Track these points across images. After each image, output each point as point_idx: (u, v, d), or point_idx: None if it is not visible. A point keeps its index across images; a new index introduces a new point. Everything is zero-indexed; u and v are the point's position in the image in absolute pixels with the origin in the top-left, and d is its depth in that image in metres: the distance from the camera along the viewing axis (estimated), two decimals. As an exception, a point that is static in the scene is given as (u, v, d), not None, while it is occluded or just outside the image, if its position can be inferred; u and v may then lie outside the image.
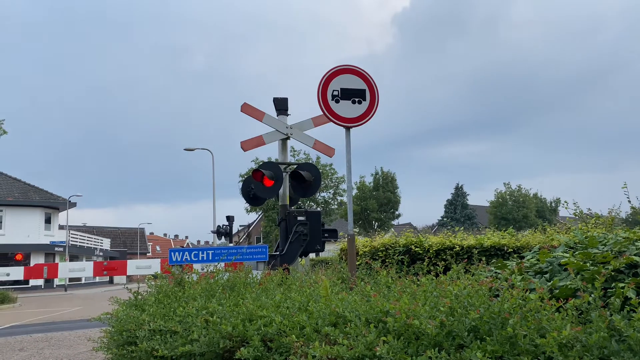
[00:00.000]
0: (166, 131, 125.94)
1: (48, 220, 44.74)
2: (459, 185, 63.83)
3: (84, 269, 16.01)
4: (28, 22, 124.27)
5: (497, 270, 4.60)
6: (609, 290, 3.33)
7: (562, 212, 55.67)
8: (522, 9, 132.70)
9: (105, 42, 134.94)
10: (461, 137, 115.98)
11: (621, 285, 3.25)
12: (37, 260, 40.40)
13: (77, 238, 49.81)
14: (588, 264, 3.82)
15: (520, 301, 2.75)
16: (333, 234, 9.25)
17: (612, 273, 3.57)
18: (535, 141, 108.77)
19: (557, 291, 3.49)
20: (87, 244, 52.59)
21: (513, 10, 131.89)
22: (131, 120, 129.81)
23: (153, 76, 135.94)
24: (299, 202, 10.17)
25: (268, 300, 3.87)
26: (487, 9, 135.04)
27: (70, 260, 42.57)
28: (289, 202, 9.04)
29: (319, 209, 31.90)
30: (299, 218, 8.69)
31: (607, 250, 4.21)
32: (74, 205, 45.97)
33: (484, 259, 6.39)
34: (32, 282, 39.09)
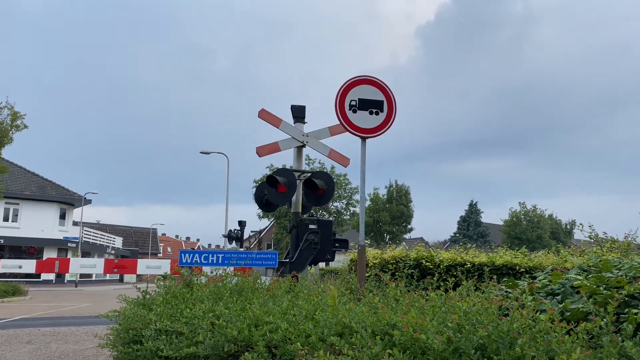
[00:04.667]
0: (183, 133, 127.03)
1: (63, 216, 45.23)
2: (473, 202, 63.50)
3: (95, 265, 16.16)
4: (50, 21, 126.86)
5: (508, 289, 4.54)
6: (621, 315, 3.27)
7: (577, 234, 54.88)
8: (548, 29, 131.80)
9: (126, 42, 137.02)
10: (478, 153, 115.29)
11: (635, 311, 3.20)
12: (49, 254, 40.83)
13: (90, 235, 50.24)
14: (601, 288, 3.75)
15: (530, 321, 2.71)
16: (344, 244, 9.20)
17: (626, 298, 3.51)
18: (552, 161, 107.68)
19: (569, 314, 3.44)
20: (100, 241, 53.02)
21: (539, 29, 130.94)
22: (149, 120, 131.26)
23: (173, 77, 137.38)
24: (312, 211, 10.16)
25: (275, 306, 3.86)
26: (513, 27, 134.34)
27: (82, 256, 42.96)
28: (301, 209, 9.03)
29: (331, 218, 31.87)
30: (311, 226, 8.66)
31: (621, 275, 4.14)
32: (89, 202, 46.51)
33: (495, 277, 6.32)
34: (44, 276, 39.52)
